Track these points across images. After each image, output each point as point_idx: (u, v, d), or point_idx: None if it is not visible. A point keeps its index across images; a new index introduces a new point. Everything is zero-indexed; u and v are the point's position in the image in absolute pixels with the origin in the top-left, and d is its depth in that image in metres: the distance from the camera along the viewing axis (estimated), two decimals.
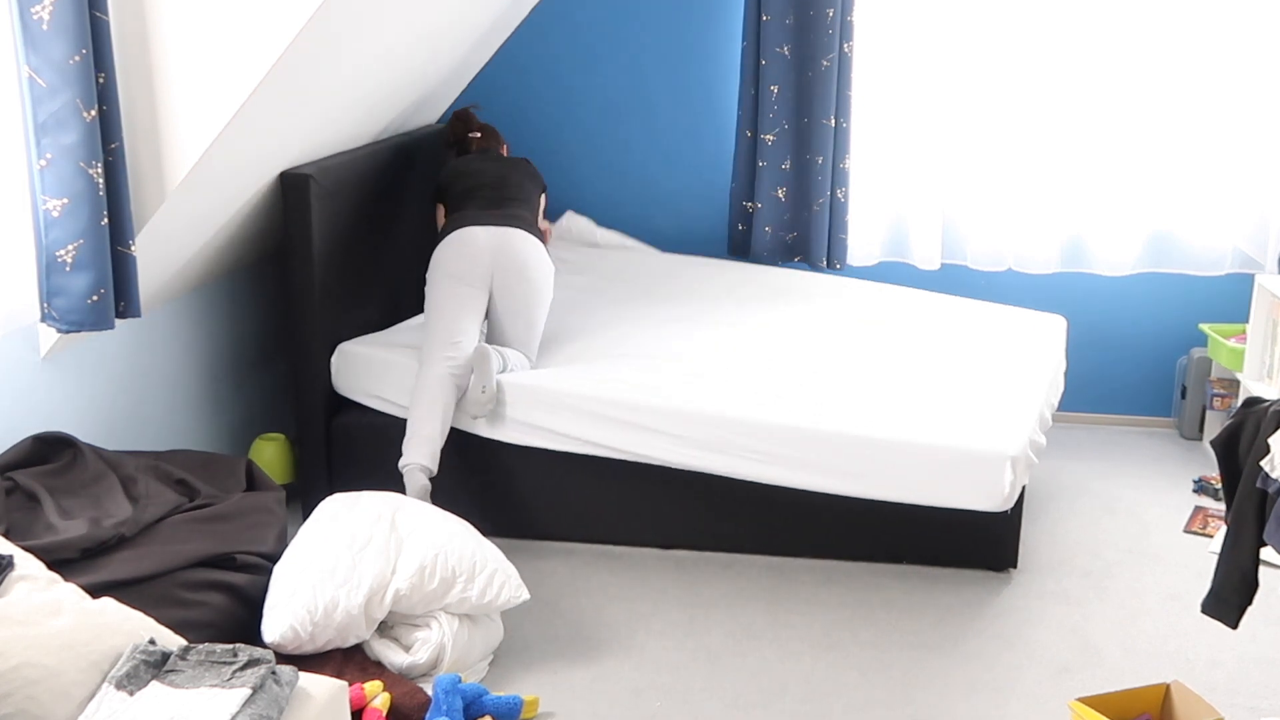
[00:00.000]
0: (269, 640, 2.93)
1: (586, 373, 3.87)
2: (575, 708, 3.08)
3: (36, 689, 2.10)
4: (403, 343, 4.11)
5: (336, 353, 4.02)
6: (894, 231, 4.96)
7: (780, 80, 4.70)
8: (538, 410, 3.77)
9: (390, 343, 4.12)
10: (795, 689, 3.17)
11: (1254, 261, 4.72)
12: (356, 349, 4.04)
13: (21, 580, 2.38)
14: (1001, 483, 3.39)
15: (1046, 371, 4.06)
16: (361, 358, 4.01)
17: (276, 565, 3.10)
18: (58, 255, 3.02)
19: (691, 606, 3.57)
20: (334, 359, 4.02)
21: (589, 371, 3.89)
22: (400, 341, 4.13)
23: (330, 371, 4.01)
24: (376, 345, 4.09)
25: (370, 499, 3.32)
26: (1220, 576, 2.95)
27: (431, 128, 4.93)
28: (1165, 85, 4.61)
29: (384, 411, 3.98)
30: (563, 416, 3.74)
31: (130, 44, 3.11)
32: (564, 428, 3.75)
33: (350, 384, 4.02)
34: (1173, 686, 2.87)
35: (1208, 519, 4.16)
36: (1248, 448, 2.83)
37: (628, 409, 3.69)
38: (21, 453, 3.07)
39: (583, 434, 3.74)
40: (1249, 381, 4.46)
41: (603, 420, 3.71)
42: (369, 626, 3.03)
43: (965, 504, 3.45)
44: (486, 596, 3.16)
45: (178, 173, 3.23)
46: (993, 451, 3.41)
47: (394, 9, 3.62)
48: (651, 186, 5.10)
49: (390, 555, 3.11)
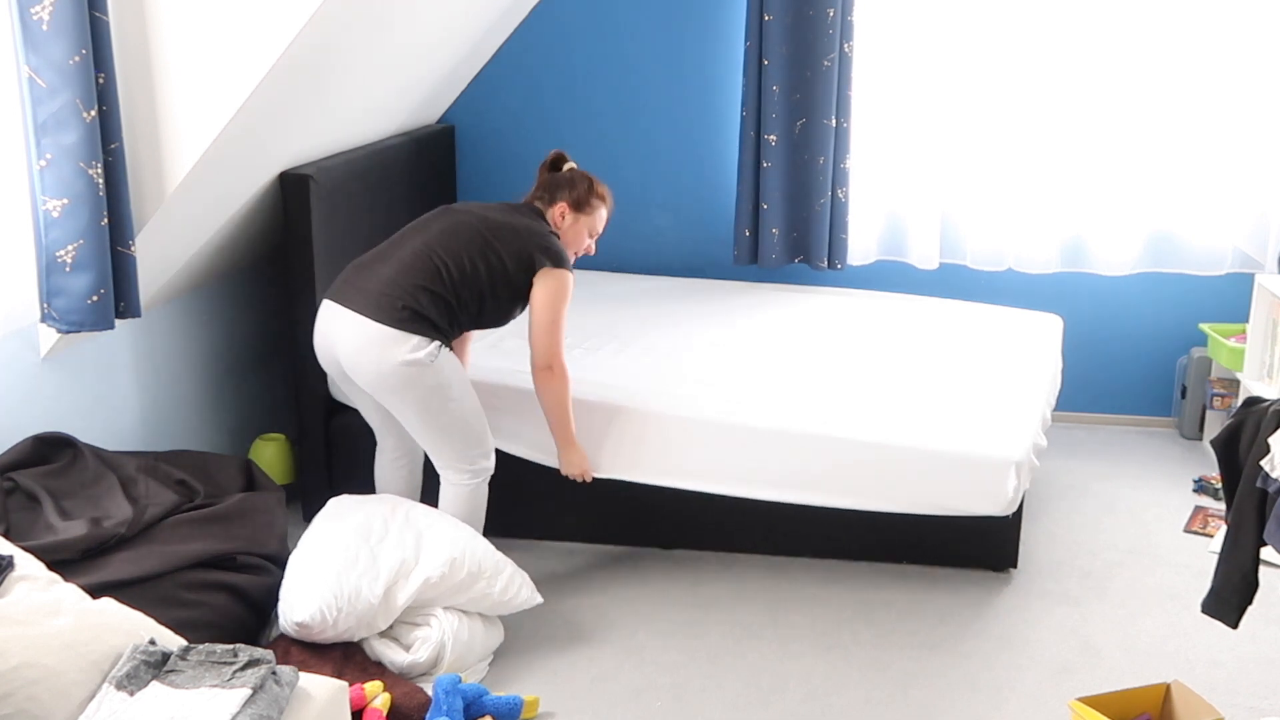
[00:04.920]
0: (297, 619, 2.94)
1: (581, 380, 3.82)
2: (575, 708, 3.08)
3: (36, 689, 2.10)
4: None
5: None
6: (893, 231, 4.95)
7: (781, 80, 4.70)
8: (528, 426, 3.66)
9: None
10: (795, 689, 3.17)
11: (1254, 261, 4.72)
12: None
13: (21, 580, 2.38)
14: (1005, 488, 3.38)
15: (1045, 372, 4.06)
16: None
17: (292, 555, 3.13)
18: (58, 255, 3.02)
19: (691, 606, 3.57)
20: None
21: (584, 379, 3.80)
22: None
23: (322, 372, 3.99)
24: None
25: (377, 499, 3.36)
26: (1220, 576, 2.95)
27: (431, 128, 4.93)
28: (1165, 85, 4.61)
29: None
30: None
31: (130, 44, 3.11)
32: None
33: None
34: (1173, 686, 2.87)
35: (1208, 519, 4.17)
36: (1248, 447, 2.83)
37: (622, 417, 3.65)
38: (21, 453, 3.07)
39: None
40: (1249, 381, 4.46)
41: (595, 432, 3.63)
42: (386, 618, 3.05)
43: (969, 510, 3.44)
44: (506, 595, 3.22)
45: (178, 173, 3.23)
46: (997, 457, 3.40)
47: (394, 9, 3.62)
48: (654, 188, 5.10)
49: (410, 548, 3.14)
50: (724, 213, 5.07)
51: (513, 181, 5.18)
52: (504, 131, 5.12)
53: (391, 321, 3.18)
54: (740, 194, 4.86)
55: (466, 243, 3.31)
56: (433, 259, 3.26)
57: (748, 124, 4.78)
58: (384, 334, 3.18)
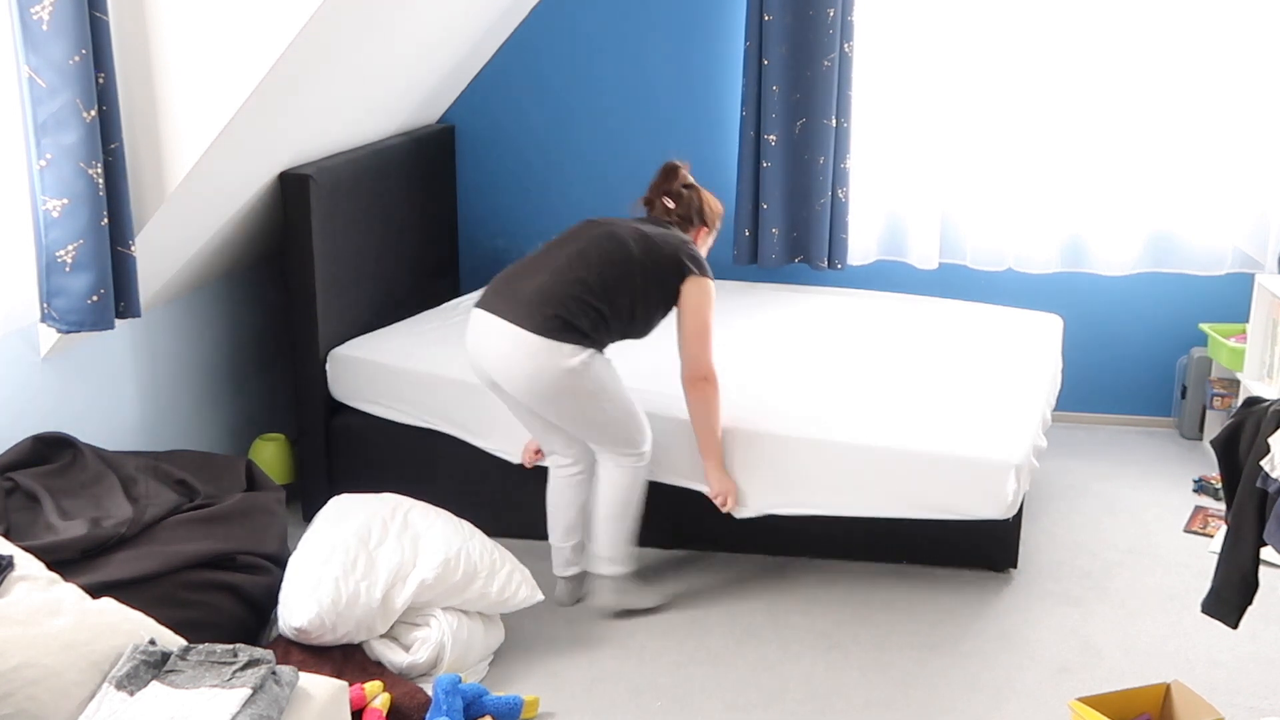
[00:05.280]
0: (296, 624, 2.94)
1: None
2: (575, 708, 3.08)
3: (36, 689, 2.10)
4: (395, 347, 4.06)
5: (330, 359, 4.00)
6: (893, 231, 4.95)
7: (781, 80, 4.69)
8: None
9: (383, 347, 4.06)
10: (795, 689, 3.16)
11: (1254, 261, 4.72)
12: (350, 354, 4.01)
13: (21, 580, 2.38)
14: (1005, 491, 3.38)
15: (1045, 373, 4.06)
16: (355, 362, 3.99)
17: (291, 557, 3.13)
18: (58, 255, 3.02)
19: (691, 606, 3.57)
20: (328, 365, 4.00)
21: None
22: (393, 345, 4.08)
23: (322, 372, 4.01)
24: (370, 349, 4.05)
25: (380, 498, 3.36)
26: (1220, 576, 2.95)
27: (431, 128, 4.93)
28: (1164, 85, 4.61)
29: (382, 417, 3.96)
30: None
31: (130, 44, 3.12)
32: None
33: (347, 390, 4.00)
34: (1173, 686, 2.87)
35: (1208, 519, 4.16)
36: (1248, 447, 2.83)
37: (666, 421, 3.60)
38: (21, 453, 3.08)
39: None
40: (1249, 381, 4.46)
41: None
42: (385, 621, 3.05)
43: (969, 514, 3.43)
44: (504, 594, 3.21)
45: (178, 173, 3.23)
46: (997, 460, 3.39)
47: (394, 9, 3.62)
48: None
49: (407, 550, 3.14)
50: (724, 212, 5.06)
51: (513, 181, 5.19)
52: (504, 131, 5.12)
53: (544, 330, 3.20)
54: (740, 194, 4.85)
55: (616, 251, 3.32)
56: (585, 268, 3.28)
57: (748, 124, 4.78)
58: (536, 343, 3.21)
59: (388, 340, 4.14)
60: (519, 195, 5.20)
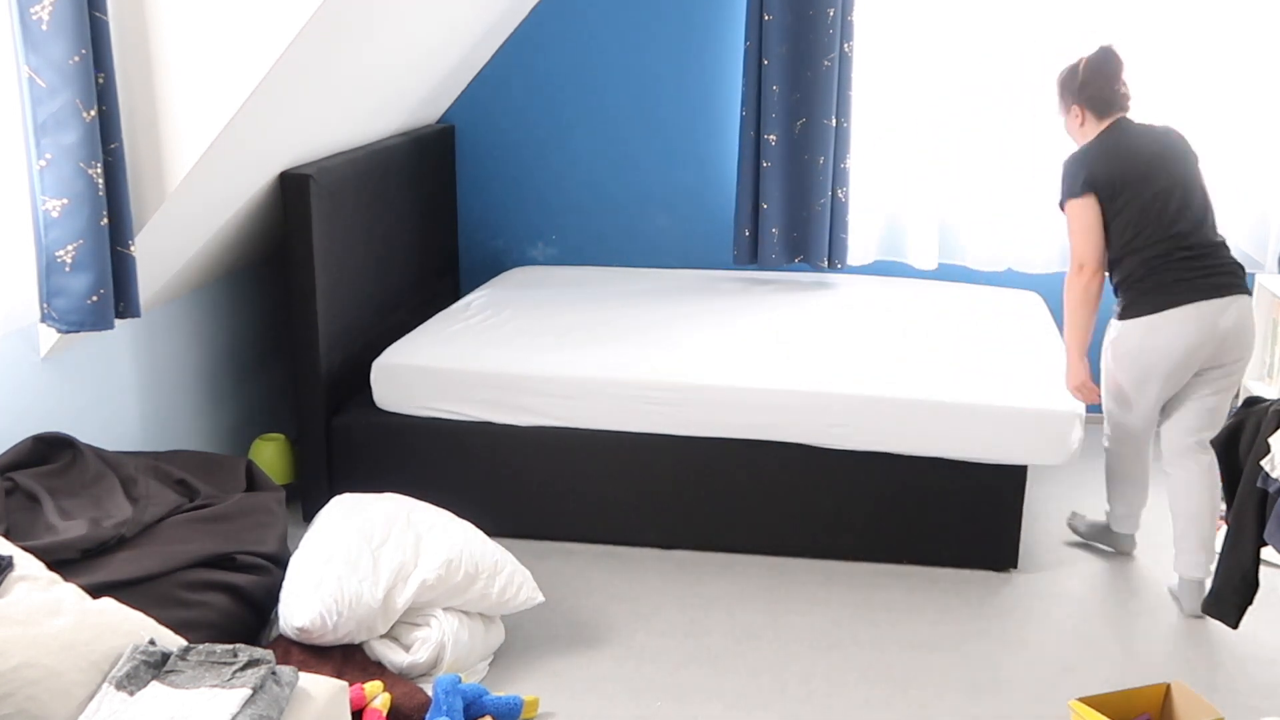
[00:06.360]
0: (298, 624, 2.94)
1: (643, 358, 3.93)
2: (575, 708, 3.08)
3: (36, 689, 2.10)
4: (442, 351, 4.02)
5: (375, 368, 3.95)
6: (892, 231, 4.96)
7: (781, 80, 4.70)
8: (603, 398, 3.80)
9: (427, 351, 4.02)
10: (795, 689, 3.17)
11: (1254, 261, 4.72)
12: (395, 361, 3.97)
13: (21, 580, 2.38)
14: (1070, 439, 3.61)
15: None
16: (402, 370, 3.95)
17: (293, 556, 3.12)
18: (57, 255, 3.02)
19: (691, 606, 3.57)
20: (372, 376, 3.96)
21: (645, 357, 3.94)
22: (436, 350, 4.03)
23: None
24: (416, 353, 4.02)
25: (382, 498, 3.36)
26: (1220, 576, 2.95)
27: (431, 128, 4.93)
28: (1164, 86, 4.60)
29: (431, 418, 3.94)
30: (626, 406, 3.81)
31: (130, 44, 3.12)
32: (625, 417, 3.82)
33: (396, 398, 3.96)
34: (1173, 686, 2.87)
35: None
36: (1248, 448, 2.84)
37: (691, 391, 3.75)
38: (21, 453, 3.07)
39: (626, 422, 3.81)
40: (1249, 381, 4.46)
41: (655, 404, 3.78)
42: (386, 622, 3.05)
43: (1032, 460, 3.64)
44: (505, 595, 3.22)
45: (178, 173, 3.23)
46: (1062, 411, 3.61)
47: (393, 9, 3.62)
48: (654, 187, 5.10)
49: (409, 550, 3.14)
50: (724, 212, 5.07)
51: (513, 181, 5.19)
52: (504, 131, 5.13)
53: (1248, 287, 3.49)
54: (740, 194, 4.86)
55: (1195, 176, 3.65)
56: (1201, 209, 3.54)
57: (748, 124, 4.78)
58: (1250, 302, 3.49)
59: (426, 345, 4.08)
60: (519, 195, 5.20)
